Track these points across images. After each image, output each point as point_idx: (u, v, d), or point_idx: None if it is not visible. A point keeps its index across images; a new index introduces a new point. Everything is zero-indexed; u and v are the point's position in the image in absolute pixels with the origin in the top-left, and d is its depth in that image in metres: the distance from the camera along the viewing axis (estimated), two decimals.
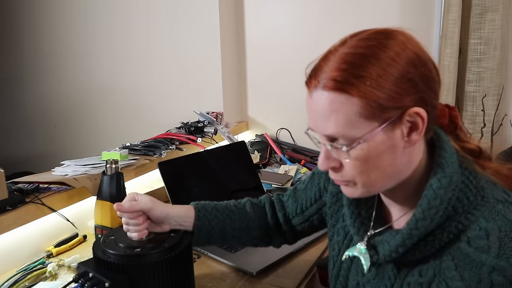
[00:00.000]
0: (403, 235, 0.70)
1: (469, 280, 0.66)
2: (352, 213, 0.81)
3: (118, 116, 2.56)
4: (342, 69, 0.64)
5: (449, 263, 0.68)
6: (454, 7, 1.79)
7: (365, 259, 0.76)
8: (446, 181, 0.68)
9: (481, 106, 1.85)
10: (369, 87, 0.63)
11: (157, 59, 2.38)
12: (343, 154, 0.68)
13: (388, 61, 0.64)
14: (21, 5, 2.73)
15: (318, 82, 0.67)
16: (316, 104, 0.68)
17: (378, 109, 0.64)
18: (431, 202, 0.67)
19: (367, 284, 0.80)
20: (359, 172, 0.68)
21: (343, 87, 0.64)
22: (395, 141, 0.66)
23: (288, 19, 2.21)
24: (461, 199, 0.69)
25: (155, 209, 0.92)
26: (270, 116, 2.34)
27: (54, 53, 2.70)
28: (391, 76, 0.63)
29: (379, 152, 0.66)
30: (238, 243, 1.01)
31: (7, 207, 1.14)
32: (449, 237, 0.68)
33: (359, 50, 0.65)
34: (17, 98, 2.91)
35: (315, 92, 0.68)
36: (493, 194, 0.69)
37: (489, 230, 0.65)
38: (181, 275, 0.91)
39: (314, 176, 1.00)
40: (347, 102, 0.64)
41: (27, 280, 1.11)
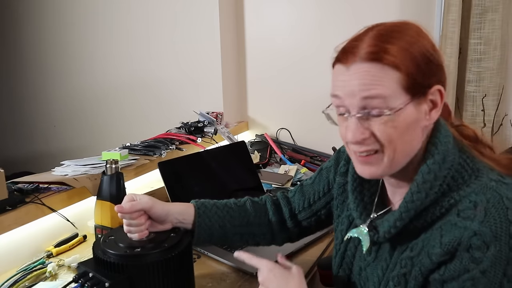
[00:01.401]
0: (400, 209, 0.74)
1: (448, 244, 0.68)
2: (355, 198, 0.84)
3: (118, 116, 2.56)
4: (381, 44, 0.70)
5: (437, 234, 0.71)
6: (454, 7, 1.79)
7: (365, 240, 0.80)
8: (440, 158, 0.73)
9: (481, 106, 1.85)
10: (406, 61, 0.69)
11: (157, 59, 2.38)
12: (378, 122, 0.71)
13: (418, 43, 0.71)
14: (22, 5, 2.73)
15: (356, 56, 0.71)
16: (356, 75, 0.71)
17: (412, 82, 0.70)
18: (425, 177, 0.72)
19: (367, 267, 0.84)
20: (389, 142, 0.71)
21: (384, 59, 0.69)
22: (419, 116, 0.72)
23: (288, 19, 2.21)
24: (456, 178, 0.73)
25: (155, 207, 0.92)
26: (270, 116, 2.33)
27: (54, 53, 2.70)
28: (422, 56, 0.71)
29: (407, 124, 0.71)
30: (240, 240, 1.01)
31: (7, 207, 1.14)
32: (440, 211, 0.72)
33: (392, 30, 0.72)
34: (17, 98, 2.91)
35: (354, 65, 0.71)
36: (488, 175, 0.73)
37: (477, 202, 0.69)
38: (181, 275, 0.91)
39: (322, 171, 1.02)
40: (388, 73, 0.69)
41: (27, 280, 1.11)
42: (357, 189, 0.85)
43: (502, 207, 0.67)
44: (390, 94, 0.69)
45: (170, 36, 2.31)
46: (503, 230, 0.66)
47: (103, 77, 2.58)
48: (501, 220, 0.66)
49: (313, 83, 2.16)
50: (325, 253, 1.26)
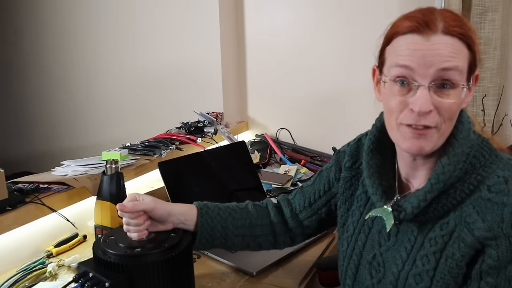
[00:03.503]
0: (431, 181, 0.75)
1: (491, 220, 0.71)
2: (373, 183, 0.85)
3: (119, 116, 2.56)
4: (461, 22, 0.74)
5: (471, 211, 0.74)
6: (454, 7, 1.79)
7: (389, 218, 0.80)
8: (466, 134, 0.77)
9: (481, 106, 1.85)
10: (475, 43, 0.74)
11: (157, 59, 2.38)
12: (446, 97, 0.73)
13: (475, 31, 0.76)
14: (23, 6, 2.73)
15: (437, 28, 0.73)
16: (436, 45, 0.72)
17: (473, 62, 0.75)
18: (456, 150, 0.75)
19: (386, 252, 0.84)
20: (450, 118, 0.75)
21: (464, 37, 0.73)
22: (463, 97, 0.76)
23: (288, 20, 2.21)
24: (477, 157, 0.77)
25: (157, 208, 0.92)
26: (270, 116, 2.33)
27: (55, 53, 2.70)
28: (478, 41, 0.76)
29: (460, 103, 0.75)
30: (241, 243, 1.01)
31: (7, 207, 1.14)
32: (469, 188, 0.75)
33: (460, 17, 0.76)
34: (17, 98, 2.91)
35: (435, 37, 0.72)
36: (505, 155, 0.78)
37: (507, 177, 0.73)
38: (181, 275, 0.91)
39: (322, 172, 1.04)
40: (464, 49, 0.73)
41: (27, 280, 1.11)
42: (374, 174, 0.85)
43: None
44: (463, 70, 0.73)
45: (170, 36, 2.31)
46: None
47: (103, 78, 2.58)
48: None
49: (314, 83, 2.16)
50: (325, 253, 1.26)
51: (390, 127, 0.80)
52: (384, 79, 0.78)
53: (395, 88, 0.75)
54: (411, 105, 0.73)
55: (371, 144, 0.87)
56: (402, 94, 0.75)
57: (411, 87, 0.74)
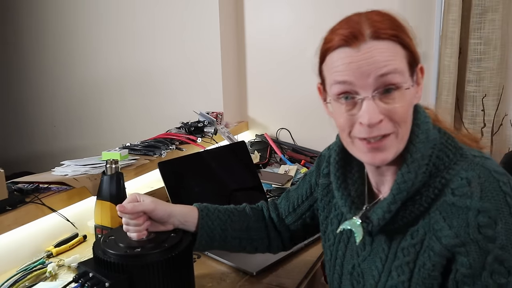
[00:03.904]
0: (393, 192, 0.73)
1: (457, 226, 0.69)
2: (342, 195, 0.83)
3: (119, 116, 2.56)
4: (390, 22, 0.73)
5: (437, 217, 0.71)
6: (454, 7, 1.79)
7: (358, 231, 0.78)
8: (424, 136, 0.74)
9: (481, 106, 1.85)
10: (410, 39, 0.73)
11: (156, 59, 2.38)
12: (393, 101, 0.71)
13: (407, 24, 0.75)
14: (23, 6, 2.73)
15: (364, 36, 0.71)
16: (368, 54, 0.70)
17: (412, 59, 0.73)
18: (414, 156, 0.72)
19: (363, 263, 0.83)
20: (404, 121, 0.72)
21: (395, 37, 0.71)
22: (413, 94, 0.74)
23: (288, 20, 2.21)
24: (441, 157, 0.74)
25: (158, 209, 0.92)
26: (270, 116, 2.33)
27: (55, 53, 2.70)
28: (413, 34, 0.74)
29: (410, 102, 0.73)
30: (239, 245, 1.01)
31: (7, 207, 1.14)
32: (434, 193, 0.72)
33: (384, 13, 0.75)
34: (17, 98, 2.91)
35: (364, 45, 0.70)
36: (471, 152, 0.75)
37: (469, 178, 0.70)
38: (181, 275, 0.91)
39: (305, 176, 1.03)
40: (398, 49, 0.71)
41: (27, 280, 1.11)
42: (342, 185, 0.84)
43: (494, 180, 0.69)
44: (403, 70, 0.71)
45: (170, 36, 2.31)
46: (502, 202, 0.67)
47: (104, 78, 2.58)
48: (497, 193, 0.68)
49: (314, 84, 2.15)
50: None
51: (346, 143, 0.78)
52: (329, 99, 0.76)
53: (341, 105, 0.73)
54: (360, 118, 0.71)
55: (337, 156, 0.86)
56: (348, 109, 0.72)
57: (355, 100, 0.71)
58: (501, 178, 0.70)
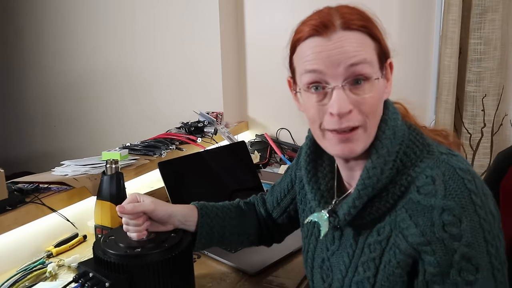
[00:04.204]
0: (358, 187, 0.73)
1: (423, 225, 0.69)
2: (312, 188, 0.84)
3: (118, 116, 2.56)
4: (359, 14, 0.73)
5: (403, 215, 0.71)
6: (454, 7, 1.79)
7: (324, 225, 0.79)
8: (390, 133, 0.73)
9: (481, 106, 1.85)
10: (380, 32, 0.74)
11: (156, 59, 2.38)
12: (363, 92, 0.70)
13: (374, 18, 0.75)
14: (23, 6, 2.73)
15: (335, 26, 0.71)
16: (339, 43, 0.70)
17: (385, 52, 0.74)
18: (379, 152, 0.72)
19: (332, 257, 0.83)
20: (373, 113, 0.72)
21: (365, 28, 0.72)
22: (383, 88, 0.74)
23: (288, 20, 2.20)
24: (408, 154, 0.74)
25: (158, 210, 0.92)
26: (270, 116, 2.33)
27: (55, 53, 2.70)
28: (382, 28, 0.75)
29: (380, 96, 0.73)
30: (236, 241, 1.02)
31: (7, 207, 1.14)
32: (400, 190, 0.72)
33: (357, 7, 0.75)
34: (17, 98, 2.91)
35: (335, 35, 0.71)
36: (438, 149, 0.74)
37: (434, 176, 0.70)
38: (181, 275, 0.91)
39: (287, 170, 1.05)
40: (368, 41, 0.72)
41: (27, 280, 1.11)
42: (312, 179, 0.84)
43: (458, 178, 0.68)
44: (372, 61, 0.71)
45: (170, 36, 2.31)
46: (466, 200, 0.67)
47: (104, 78, 2.58)
48: (461, 191, 0.67)
49: None
50: None
51: (317, 136, 0.78)
52: (298, 89, 0.76)
53: (311, 95, 0.73)
54: (330, 108, 0.71)
55: (308, 149, 0.86)
56: (319, 100, 0.72)
57: (325, 90, 0.71)
58: (466, 175, 0.69)
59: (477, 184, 0.69)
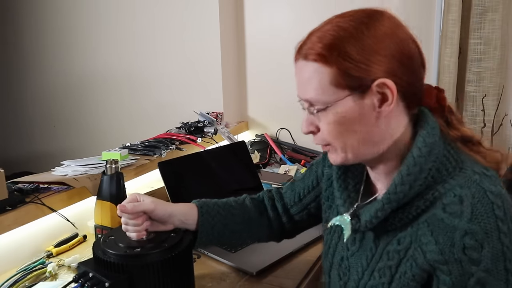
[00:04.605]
0: (383, 200, 0.73)
1: (443, 244, 0.68)
2: (339, 186, 0.85)
3: (118, 116, 2.56)
4: (319, 43, 0.73)
5: (425, 229, 0.70)
6: (454, 7, 1.79)
7: (347, 228, 0.80)
8: (426, 150, 0.72)
9: (481, 106, 1.85)
10: (338, 58, 0.70)
11: (156, 59, 2.38)
12: (318, 118, 0.74)
13: (359, 36, 0.71)
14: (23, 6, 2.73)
15: (300, 55, 0.75)
16: (298, 73, 0.76)
17: (346, 78, 0.70)
18: (411, 169, 0.71)
19: (351, 257, 0.83)
20: (334, 136, 0.74)
21: (316, 58, 0.72)
22: (366, 110, 0.72)
23: (288, 20, 2.21)
24: (440, 170, 0.72)
25: (158, 209, 0.92)
26: (270, 116, 2.33)
27: (54, 53, 2.70)
28: (359, 49, 0.70)
29: (350, 119, 0.72)
30: (239, 238, 1.02)
31: (7, 207, 1.14)
32: (425, 204, 0.71)
33: (336, 28, 0.73)
34: (17, 98, 2.91)
35: (298, 63, 0.76)
36: (472, 168, 0.72)
37: (463, 196, 0.68)
38: (181, 275, 0.91)
39: (312, 167, 1.04)
40: (319, 71, 0.72)
41: (27, 280, 1.11)
42: (341, 177, 0.86)
43: (488, 202, 0.67)
44: (323, 93, 0.72)
45: (170, 36, 2.31)
46: (492, 226, 0.65)
47: (103, 78, 2.58)
48: (488, 216, 0.66)
49: None
50: None
51: None
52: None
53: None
54: None
55: None
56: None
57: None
58: (496, 200, 0.67)
59: (506, 210, 0.67)
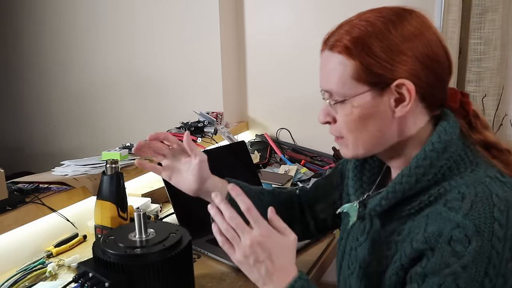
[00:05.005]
0: (388, 189, 0.74)
1: (431, 233, 0.67)
2: (354, 176, 0.87)
3: (118, 116, 2.56)
4: (346, 35, 0.72)
5: (423, 222, 0.70)
6: (454, 7, 1.79)
7: (353, 215, 0.82)
8: (440, 146, 0.71)
9: (481, 106, 1.85)
10: (362, 53, 0.70)
11: (156, 59, 2.38)
12: (336, 110, 0.75)
13: (386, 34, 0.71)
14: (22, 6, 2.73)
15: (326, 45, 0.75)
16: (322, 63, 0.76)
17: (367, 73, 0.71)
18: (420, 162, 0.71)
19: (359, 247, 0.84)
20: (348, 130, 0.75)
21: (341, 50, 0.72)
22: (382, 107, 0.72)
23: (288, 20, 2.21)
24: (452, 169, 0.72)
25: (206, 165, 0.94)
26: (270, 116, 2.34)
27: (54, 53, 2.70)
28: (384, 46, 0.70)
29: (366, 114, 0.73)
30: None
31: (7, 207, 1.14)
32: (429, 199, 0.71)
33: (365, 23, 0.72)
34: (17, 98, 2.91)
35: (324, 53, 0.76)
36: (486, 171, 0.71)
37: (466, 194, 0.67)
38: (181, 275, 0.92)
39: (338, 165, 1.04)
40: (343, 63, 0.72)
41: (27, 280, 1.11)
42: (357, 167, 0.87)
43: (490, 203, 0.65)
44: (343, 86, 0.72)
45: (170, 36, 2.31)
46: (486, 226, 0.63)
47: (103, 78, 2.58)
48: (485, 215, 0.64)
49: (314, 83, 2.15)
50: (325, 253, 1.26)
51: None
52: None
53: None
54: None
55: None
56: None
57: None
58: (500, 203, 0.65)
59: (509, 217, 0.64)
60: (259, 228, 0.73)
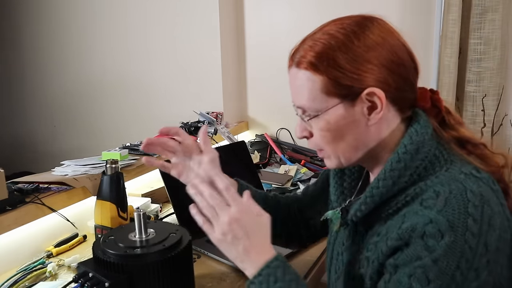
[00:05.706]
0: (366, 194, 0.75)
1: (404, 229, 0.68)
2: (335, 183, 0.89)
3: (119, 116, 2.56)
4: (310, 51, 0.74)
5: (399, 222, 0.71)
6: (454, 7, 1.79)
7: (336, 222, 0.83)
8: (412, 148, 0.72)
9: (481, 106, 1.85)
10: (328, 67, 0.71)
11: (157, 59, 2.38)
12: (311, 125, 0.76)
13: (349, 45, 0.72)
14: (21, 5, 2.73)
15: (292, 62, 0.76)
16: (291, 80, 0.77)
17: (336, 86, 0.72)
18: (394, 165, 0.72)
19: (345, 252, 0.85)
20: (326, 142, 0.76)
21: (307, 66, 0.73)
22: (356, 117, 0.73)
23: (288, 20, 2.21)
24: (428, 169, 0.73)
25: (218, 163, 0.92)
26: (270, 116, 2.33)
27: (54, 53, 2.70)
28: (349, 58, 0.71)
29: (340, 126, 0.74)
30: None
31: (7, 207, 1.14)
32: (406, 199, 0.72)
33: (327, 36, 0.74)
34: (17, 98, 2.90)
35: (291, 70, 0.77)
36: (460, 168, 0.72)
37: (440, 192, 0.68)
38: (181, 275, 0.92)
39: (323, 172, 1.05)
40: (311, 79, 0.73)
41: (27, 280, 1.11)
42: (338, 174, 0.89)
43: (464, 199, 0.66)
44: (314, 101, 0.73)
45: (170, 36, 2.31)
46: (460, 221, 0.64)
47: (103, 77, 2.58)
48: (459, 211, 0.65)
49: None
50: (325, 253, 1.26)
51: None
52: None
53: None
54: None
55: None
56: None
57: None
58: (474, 199, 0.66)
59: (484, 212, 0.65)
60: (237, 205, 0.74)
